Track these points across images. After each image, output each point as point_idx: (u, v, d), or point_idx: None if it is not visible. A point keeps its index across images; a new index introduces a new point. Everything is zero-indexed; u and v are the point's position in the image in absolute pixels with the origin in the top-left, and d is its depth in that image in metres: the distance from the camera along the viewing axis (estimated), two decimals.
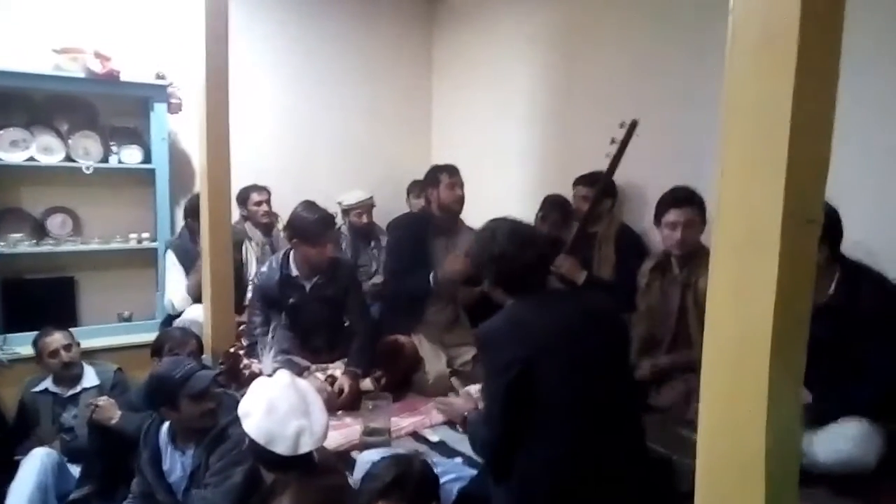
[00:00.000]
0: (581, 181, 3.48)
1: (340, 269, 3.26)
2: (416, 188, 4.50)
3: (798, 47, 1.05)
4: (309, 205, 3.19)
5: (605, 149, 3.06)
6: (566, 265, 3.07)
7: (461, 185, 3.43)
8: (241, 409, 1.93)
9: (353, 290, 3.30)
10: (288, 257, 3.19)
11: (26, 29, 3.65)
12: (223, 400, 2.29)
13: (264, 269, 3.23)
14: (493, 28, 4.46)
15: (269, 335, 3.18)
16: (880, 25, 2.51)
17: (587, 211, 3.22)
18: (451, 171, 3.44)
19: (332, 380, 3.03)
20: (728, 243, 1.17)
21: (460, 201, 3.43)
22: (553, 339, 1.80)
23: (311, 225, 3.05)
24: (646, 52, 3.47)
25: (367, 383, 3.14)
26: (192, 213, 3.47)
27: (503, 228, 2.00)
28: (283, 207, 3.77)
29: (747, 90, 1.13)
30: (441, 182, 3.40)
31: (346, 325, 3.31)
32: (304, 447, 1.86)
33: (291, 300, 3.14)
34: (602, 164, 3.11)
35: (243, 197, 4.03)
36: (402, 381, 3.24)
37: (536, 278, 1.99)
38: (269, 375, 2.11)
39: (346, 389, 2.99)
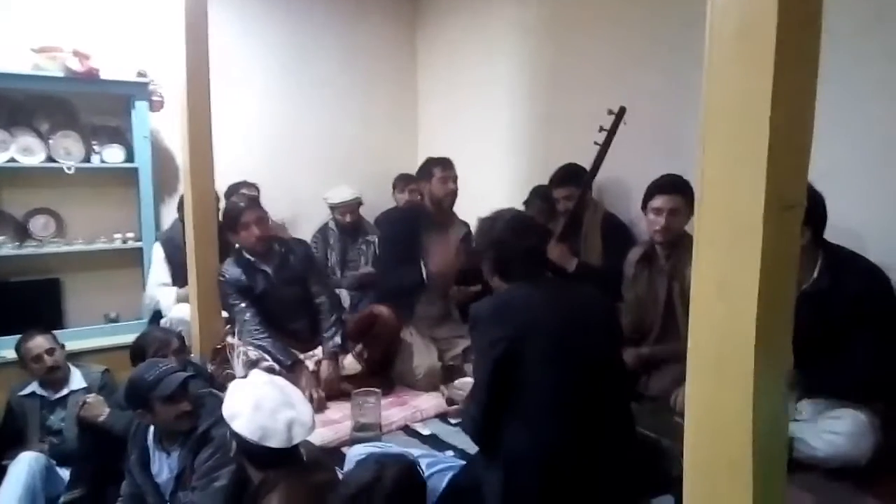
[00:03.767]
0: (558, 182, 3.35)
1: (295, 249, 3.26)
2: (401, 182, 4.49)
3: (777, 35, 1.04)
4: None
5: (592, 139, 3.06)
6: (556, 252, 3.06)
7: (454, 179, 3.39)
8: (227, 411, 1.92)
9: (311, 265, 3.32)
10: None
11: (4, 28, 3.59)
12: (206, 401, 2.28)
13: (226, 266, 3.16)
14: (478, 21, 4.44)
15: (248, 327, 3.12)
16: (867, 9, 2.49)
17: (576, 203, 3.20)
18: (445, 164, 3.41)
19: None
20: (711, 231, 1.17)
21: (452, 195, 3.39)
22: (541, 322, 1.84)
23: (225, 215, 3.14)
24: (631, 44, 3.45)
25: (350, 361, 3.11)
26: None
27: (504, 217, 2.09)
28: (271, 203, 3.74)
29: (727, 79, 1.13)
30: (434, 175, 3.37)
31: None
32: (298, 437, 1.88)
33: (262, 287, 3.10)
34: (589, 154, 3.10)
35: (232, 193, 3.98)
36: (385, 354, 3.22)
37: (533, 267, 2.04)
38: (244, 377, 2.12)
39: (325, 374, 3.00)
